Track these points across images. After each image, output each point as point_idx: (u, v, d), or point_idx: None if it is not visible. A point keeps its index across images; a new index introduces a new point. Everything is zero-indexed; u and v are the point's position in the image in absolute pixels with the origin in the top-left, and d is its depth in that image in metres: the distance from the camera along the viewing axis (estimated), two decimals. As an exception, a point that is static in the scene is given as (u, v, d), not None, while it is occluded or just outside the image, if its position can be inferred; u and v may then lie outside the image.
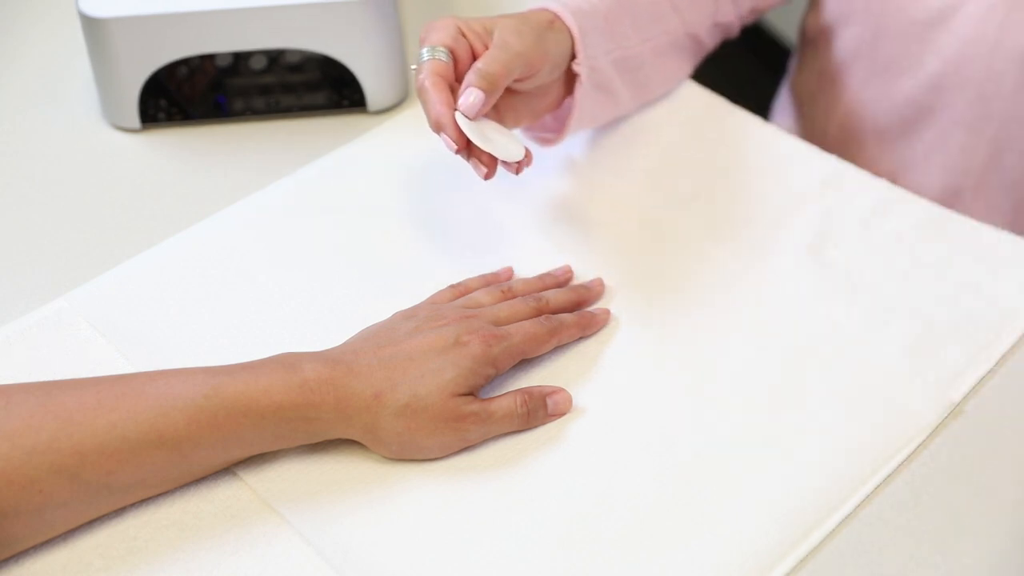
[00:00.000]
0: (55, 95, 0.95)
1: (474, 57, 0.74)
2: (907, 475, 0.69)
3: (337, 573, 0.63)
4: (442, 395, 0.66)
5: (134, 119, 0.91)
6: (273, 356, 0.66)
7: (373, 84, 0.91)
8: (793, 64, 1.17)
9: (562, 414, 0.71)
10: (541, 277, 0.78)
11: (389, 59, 0.91)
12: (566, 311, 0.75)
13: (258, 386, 0.64)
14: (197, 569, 0.63)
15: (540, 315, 0.73)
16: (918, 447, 0.70)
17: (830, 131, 1.07)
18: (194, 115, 0.92)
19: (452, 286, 0.76)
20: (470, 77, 0.71)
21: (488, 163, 0.72)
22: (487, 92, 0.71)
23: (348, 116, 0.93)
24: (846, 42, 1.02)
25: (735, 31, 0.98)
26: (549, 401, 0.70)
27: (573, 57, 0.79)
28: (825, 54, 1.05)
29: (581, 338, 0.75)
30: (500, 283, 0.76)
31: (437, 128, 0.71)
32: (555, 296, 0.75)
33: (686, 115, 0.93)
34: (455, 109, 0.71)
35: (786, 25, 1.97)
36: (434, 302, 0.74)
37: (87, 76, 0.95)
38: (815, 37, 1.07)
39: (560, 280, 0.78)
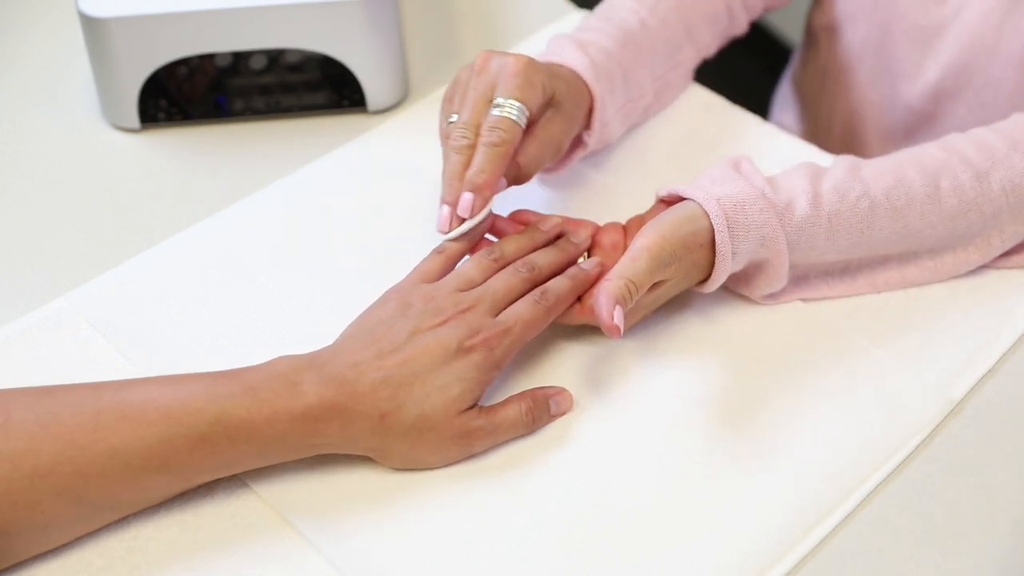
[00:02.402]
0: (55, 95, 0.95)
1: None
2: (907, 475, 0.69)
3: (338, 572, 0.63)
4: (448, 414, 0.65)
5: (134, 119, 0.91)
6: (273, 368, 0.65)
7: (373, 84, 0.91)
8: (796, 59, 1.17)
9: (564, 413, 0.71)
10: (531, 235, 0.75)
11: (389, 59, 0.91)
12: (557, 273, 0.73)
13: (261, 414, 0.63)
14: (198, 567, 0.63)
15: (533, 285, 0.71)
16: (918, 447, 0.70)
17: (834, 129, 1.07)
18: (194, 115, 0.92)
19: (438, 252, 0.74)
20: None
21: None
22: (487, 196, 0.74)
23: (348, 116, 0.93)
24: (852, 41, 1.02)
25: (744, 32, 0.98)
26: (552, 403, 0.70)
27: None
28: (830, 51, 1.05)
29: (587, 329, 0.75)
30: (490, 250, 0.74)
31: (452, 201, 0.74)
32: (545, 260, 0.73)
33: (686, 115, 0.93)
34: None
35: (786, 24, 1.97)
36: (423, 278, 0.72)
37: (87, 76, 0.95)
38: (819, 33, 1.07)
39: (550, 236, 0.76)
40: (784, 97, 1.19)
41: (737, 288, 0.77)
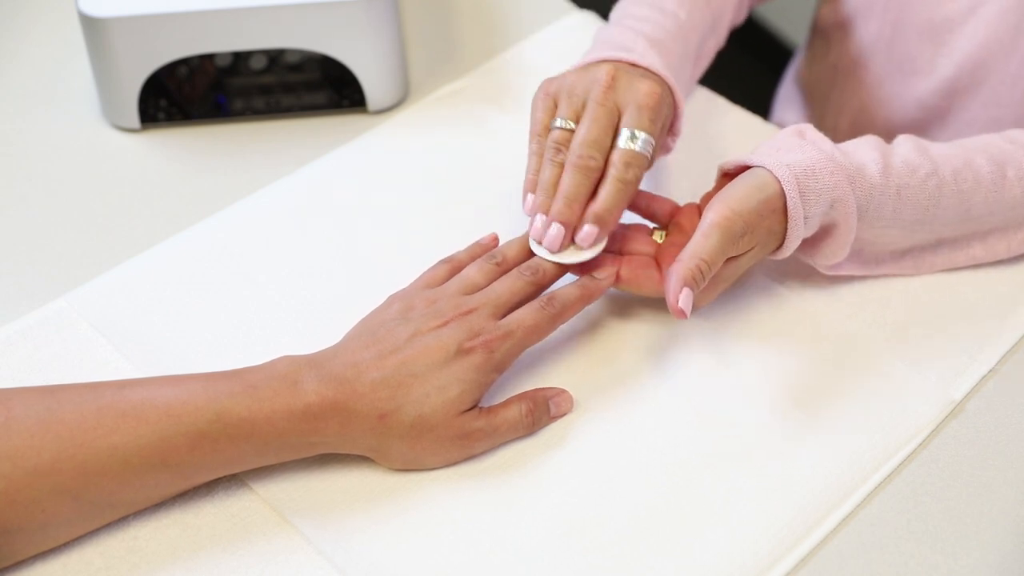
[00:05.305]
0: (55, 95, 0.95)
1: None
2: (907, 475, 0.69)
3: (339, 572, 0.63)
4: (447, 415, 0.65)
5: (134, 119, 0.91)
6: (274, 368, 0.65)
7: (373, 84, 0.91)
8: (801, 56, 1.17)
9: (564, 414, 0.71)
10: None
11: (389, 59, 0.91)
12: (562, 275, 0.73)
13: (261, 412, 0.63)
14: (198, 567, 0.63)
15: (538, 289, 0.71)
16: (918, 447, 0.70)
17: (841, 126, 1.07)
18: (194, 115, 0.92)
19: (444, 261, 0.74)
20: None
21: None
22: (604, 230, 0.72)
23: (348, 116, 0.93)
24: (864, 37, 1.01)
25: (743, 21, 0.99)
26: (551, 404, 0.70)
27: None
28: (840, 47, 1.05)
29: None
30: (492, 254, 0.73)
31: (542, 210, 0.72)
32: (550, 264, 0.73)
33: (686, 115, 0.93)
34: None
35: (786, 24, 1.97)
36: (428, 285, 0.72)
37: (87, 76, 0.95)
38: (829, 29, 1.06)
39: None
40: (787, 95, 1.18)
41: (804, 256, 0.77)
